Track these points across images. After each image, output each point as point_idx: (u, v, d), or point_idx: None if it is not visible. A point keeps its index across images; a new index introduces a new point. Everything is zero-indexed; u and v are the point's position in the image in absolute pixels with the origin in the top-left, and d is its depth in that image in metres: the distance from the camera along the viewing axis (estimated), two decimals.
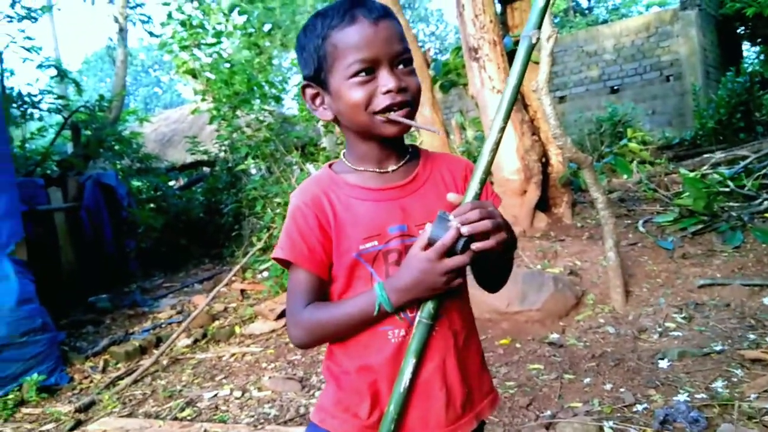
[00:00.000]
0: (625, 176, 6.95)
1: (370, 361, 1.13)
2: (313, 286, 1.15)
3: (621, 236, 4.94)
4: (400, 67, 1.10)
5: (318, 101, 1.17)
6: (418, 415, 1.12)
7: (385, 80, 1.07)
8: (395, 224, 1.12)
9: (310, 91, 1.17)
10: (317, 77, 1.14)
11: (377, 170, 1.17)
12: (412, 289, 1.04)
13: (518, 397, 3.02)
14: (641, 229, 5.30)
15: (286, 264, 1.17)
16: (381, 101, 1.08)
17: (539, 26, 1.08)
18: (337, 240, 1.12)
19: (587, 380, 3.11)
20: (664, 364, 3.15)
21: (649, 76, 13.69)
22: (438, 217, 1.03)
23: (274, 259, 1.18)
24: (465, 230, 0.99)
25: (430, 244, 1.02)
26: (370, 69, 1.07)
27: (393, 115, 1.08)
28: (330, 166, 1.23)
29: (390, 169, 1.17)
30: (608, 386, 3.00)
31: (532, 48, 1.08)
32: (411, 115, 1.11)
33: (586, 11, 29.12)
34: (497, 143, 1.07)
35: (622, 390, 2.93)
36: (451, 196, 1.07)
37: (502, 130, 1.07)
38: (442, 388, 1.13)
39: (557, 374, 3.24)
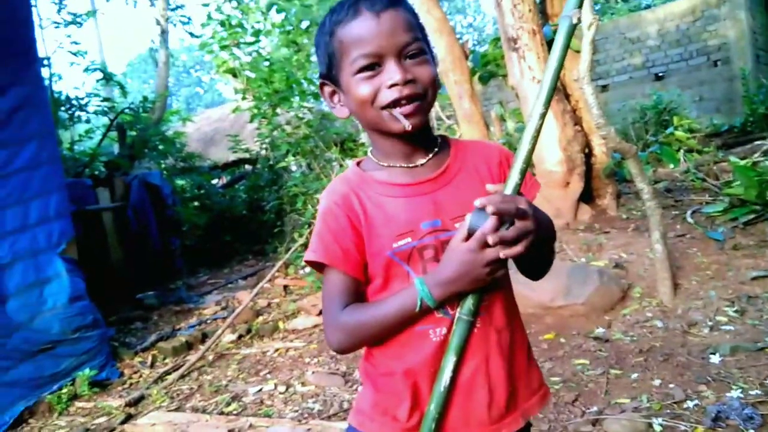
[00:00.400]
0: (671, 165, 6.77)
1: (410, 362, 1.10)
2: (350, 287, 1.12)
3: (668, 228, 4.81)
4: (409, 59, 1.06)
5: (336, 98, 1.16)
6: (459, 414, 1.09)
7: (390, 73, 1.04)
8: (428, 219, 1.09)
9: (327, 89, 1.16)
10: (330, 74, 1.13)
11: (405, 165, 1.14)
12: (455, 281, 1.01)
13: (563, 392, 2.97)
14: (689, 219, 5.15)
15: (319, 267, 1.14)
16: (387, 95, 1.05)
17: (580, 5, 1.04)
18: (369, 239, 1.10)
19: (635, 375, 3.04)
20: (715, 359, 3.05)
21: (695, 62, 13.26)
22: (477, 209, 1.00)
23: (307, 262, 1.15)
24: (491, 240, 0.96)
25: (470, 234, 1.00)
26: (375, 63, 1.05)
27: (396, 111, 1.05)
28: (358, 164, 1.20)
29: (419, 163, 1.14)
30: (657, 382, 2.93)
31: (573, 29, 1.04)
32: (422, 108, 1.07)
33: None
34: (538, 131, 1.03)
35: (671, 386, 2.85)
36: (491, 187, 1.04)
37: (543, 116, 1.03)
38: (484, 386, 1.10)
39: (603, 369, 3.17)
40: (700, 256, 4.45)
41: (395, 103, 1.05)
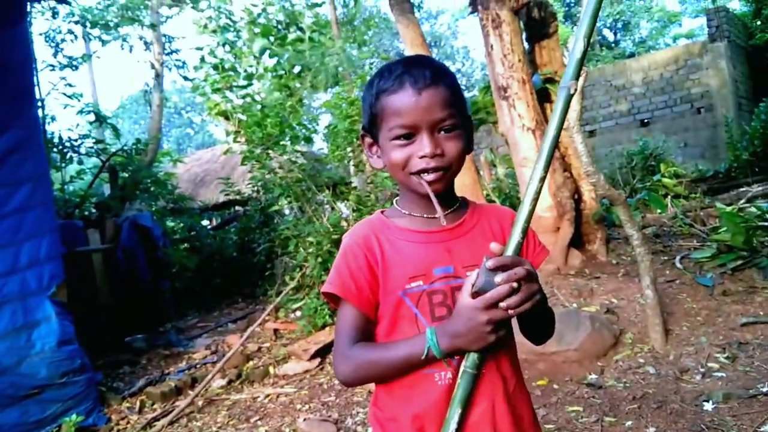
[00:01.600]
0: (659, 211, 6.87)
1: (417, 406, 1.14)
2: (360, 323, 1.18)
3: (658, 273, 4.86)
4: (442, 132, 1.15)
5: (373, 150, 1.25)
6: None
7: (422, 145, 1.13)
8: (441, 266, 1.17)
9: (367, 140, 1.26)
10: (371, 130, 1.23)
11: (425, 216, 1.21)
12: (462, 336, 1.05)
13: None
14: (678, 265, 5.21)
15: (334, 300, 1.21)
16: (416, 164, 1.14)
17: (577, 77, 1.10)
18: (384, 279, 1.16)
19: (629, 423, 3.04)
20: (708, 406, 3.06)
21: (679, 109, 13.59)
22: (484, 265, 1.04)
23: (324, 293, 1.22)
24: (504, 304, 1.02)
25: (477, 293, 1.03)
26: (410, 134, 1.15)
27: (422, 179, 1.15)
28: (382, 212, 1.29)
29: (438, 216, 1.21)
30: (651, 430, 2.93)
31: (570, 99, 1.10)
32: (445, 177, 1.16)
33: (613, 44, 29.20)
34: (538, 193, 1.08)
35: None
36: (494, 246, 1.07)
37: (543, 179, 1.08)
38: (491, 430, 1.13)
39: (597, 417, 3.17)
40: (690, 302, 4.49)
41: (423, 171, 1.14)
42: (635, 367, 3.75)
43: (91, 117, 9.71)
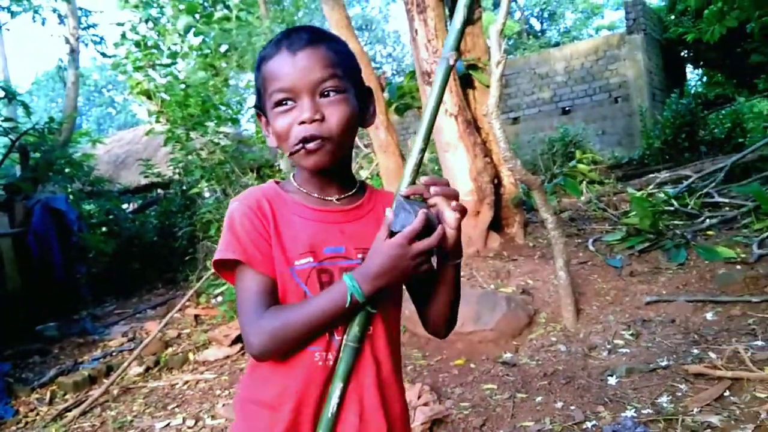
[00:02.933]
0: (575, 196, 7.14)
1: (292, 387, 1.10)
2: (268, 288, 1.09)
3: (571, 255, 5.06)
4: (325, 97, 1.09)
5: (269, 128, 1.17)
6: None
7: (300, 110, 1.08)
8: (333, 245, 1.12)
9: (262, 119, 1.19)
10: (258, 103, 1.19)
11: (319, 197, 1.17)
12: (384, 275, 1.02)
13: (472, 417, 3.05)
14: (591, 247, 5.44)
15: (228, 269, 1.13)
16: (296, 132, 1.08)
17: (457, 48, 1.13)
18: (275, 252, 1.10)
19: (539, 399, 3.17)
20: (612, 380, 3.22)
21: (598, 98, 14.11)
22: (398, 202, 1.04)
23: (217, 262, 1.13)
24: (434, 190, 1.05)
25: (392, 233, 1.03)
26: (289, 98, 1.09)
27: (295, 150, 1.09)
28: (277, 183, 1.22)
29: (333, 198, 1.18)
30: (559, 404, 3.06)
31: (450, 70, 1.12)
32: (325, 149, 1.09)
33: (539, 33, 29.95)
34: (418, 165, 1.10)
35: (572, 408, 2.99)
36: (388, 211, 1.05)
37: (423, 151, 1.10)
38: (357, 414, 1.10)
39: (510, 394, 3.28)
40: (600, 283, 4.71)
41: (303, 140, 1.07)
42: (548, 345, 3.91)
43: (0, 93, 9.16)
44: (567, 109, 14.46)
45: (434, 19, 5.42)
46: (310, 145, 1.07)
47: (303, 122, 1.06)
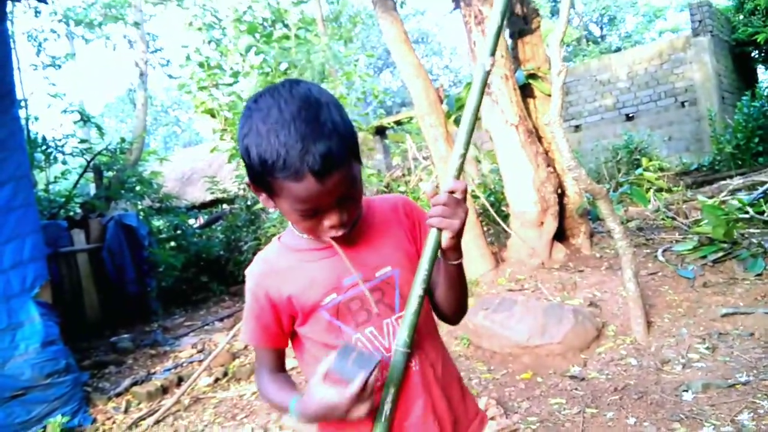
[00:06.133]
0: (642, 205, 6.92)
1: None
2: (272, 358, 1.27)
3: (640, 266, 4.91)
4: (347, 200, 1.12)
5: (263, 196, 1.15)
6: None
7: (329, 218, 1.10)
8: (349, 275, 1.18)
9: (254, 188, 1.16)
10: (262, 189, 1.13)
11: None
12: (316, 417, 1.09)
13: None
14: (660, 258, 5.26)
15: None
16: (324, 231, 1.13)
17: (492, 53, 1.14)
18: (299, 304, 1.19)
19: (610, 414, 3.08)
20: (688, 396, 3.10)
21: (664, 103, 13.69)
22: (340, 351, 1.06)
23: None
24: (434, 221, 1.11)
25: (329, 375, 1.06)
26: (314, 213, 1.10)
27: (332, 242, 1.17)
28: (279, 238, 1.29)
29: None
30: (631, 420, 2.96)
31: (487, 76, 1.13)
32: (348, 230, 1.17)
33: (599, 39, 29.33)
34: (459, 170, 1.16)
35: (645, 424, 2.89)
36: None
37: (463, 156, 1.15)
38: (435, 421, 1.20)
39: (579, 408, 3.20)
40: (672, 294, 4.54)
41: (332, 237, 1.15)
42: (617, 359, 3.80)
43: (76, 116, 9.66)
44: (631, 115, 14.09)
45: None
46: (339, 238, 1.16)
47: (333, 227, 1.12)
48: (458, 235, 1.13)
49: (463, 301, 1.29)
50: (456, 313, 1.30)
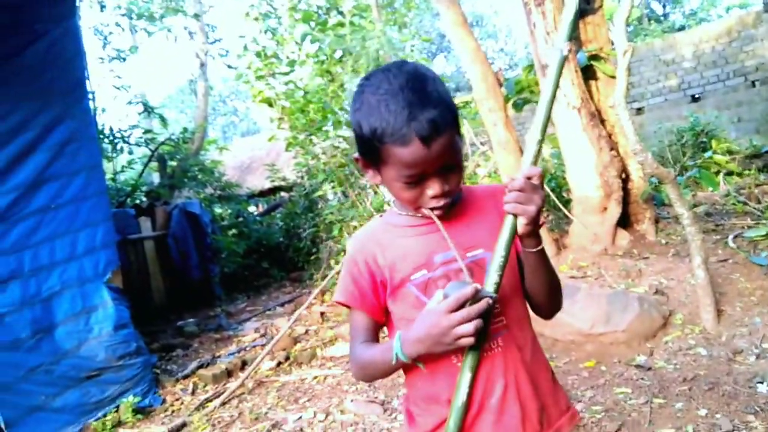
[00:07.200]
0: (710, 189, 6.66)
1: (439, 390, 1.20)
2: (366, 326, 1.27)
3: (709, 253, 4.72)
4: (449, 169, 1.15)
5: (371, 172, 1.23)
6: None
7: (432, 186, 1.14)
8: (442, 252, 1.20)
9: (362, 162, 1.24)
10: (369, 160, 1.21)
11: (421, 215, 1.24)
12: (421, 341, 1.09)
13: (606, 422, 2.93)
14: (731, 244, 5.05)
15: (346, 306, 1.29)
16: (426, 201, 1.17)
17: (570, 38, 1.13)
18: (391, 275, 1.22)
19: (679, 405, 2.99)
20: (763, 388, 2.98)
21: (732, 83, 13.07)
22: (455, 282, 1.09)
23: (336, 302, 1.31)
24: (512, 197, 1.10)
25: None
26: (418, 179, 1.14)
27: (432, 213, 1.19)
28: (381, 216, 1.36)
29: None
30: (702, 412, 2.87)
31: (564, 60, 1.13)
32: (449, 205, 1.19)
33: (662, 18, 28.21)
34: (536, 156, 1.16)
35: (717, 416, 2.79)
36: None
37: (540, 143, 1.15)
38: (515, 402, 1.18)
39: (646, 398, 3.12)
40: (744, 282, 4.36)
41: (434, 208, 1.18)
42: (686, 348, 3.68)
43: (140, 107, 9.97)
44: (697, 96, 13.52)
45: (553, 11, 5.26)
46: (440, 212, 1.19)
47: (435, 196, 1.15)
48: (534, 222, 1.12)
49: (552, 293, 1.27)
50: (545, 304, 1.29)
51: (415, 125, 1.06)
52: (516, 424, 1.17)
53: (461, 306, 1.03)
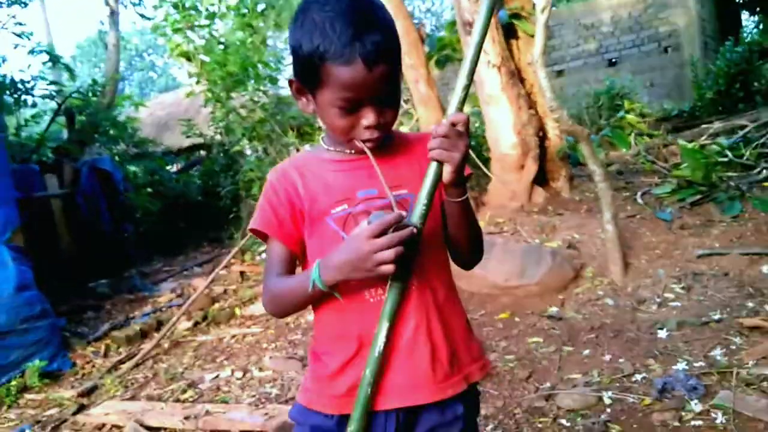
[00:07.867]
0: (623, 149, 6.92)
1: (348, 326, 1.17)
2: (283, 257, 1.21)
3: (619, 209, 4.92)
4: (386, 101, 1.13)
5: (303, 99, 1.19)
6: (404, 376, 1.14)
7: (368, 115, 1.11)
8: (364, 189, 1.17)
9: (296, 86, 1.19)
10: (304, 82, 1.15)
11: (350, 151, 1.21)
12: (341, 267, 1.05)
13: (518, 370, 3.03)
14: (639, 201, 5.28)
15: (263, 237, 1.24)
16: (360, 132, 1.13)
17: None
18: (310, 207, 1.18)
19: (586, 352, 3.12)
20: (663, 334, 3.15)
21: (647, 48, 13.55)
22: (377, 212, 1.06)
23: (251, 230, 1.25)
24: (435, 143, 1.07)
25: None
26: (355, 105, 1.10)
27: (361, 143, 1.15)
28: (309, 148, 1.33)
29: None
30: (607, 357, 3.01)
31: (494, 3, 1.11)
32: (382, 139, 1.16)
33: None
34: (462, 102, 1.12)
35: (621, 360, 2.94)
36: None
37: (467, 88, 1.12)
38: (426, 343, 1.15)
39: (556, 347, 3.25)
40: (649, 236, 4.58)
41: (366, 140, 1.14)
42: (594, 299, 3.84)
43: (44, 57, 9.31)
44: (614, 60, 13.96)
45: None
46: (372, 144, 1.15)
47: (369, 126, 1.12)
48: (459, 170, 1.09)
49: (473, 244, 1.25)
50: (466, 254, 1.27)
51: (359, 46, 1.03)
52: (426, 365, 1.15)
53: (384, 233, 1.00)
